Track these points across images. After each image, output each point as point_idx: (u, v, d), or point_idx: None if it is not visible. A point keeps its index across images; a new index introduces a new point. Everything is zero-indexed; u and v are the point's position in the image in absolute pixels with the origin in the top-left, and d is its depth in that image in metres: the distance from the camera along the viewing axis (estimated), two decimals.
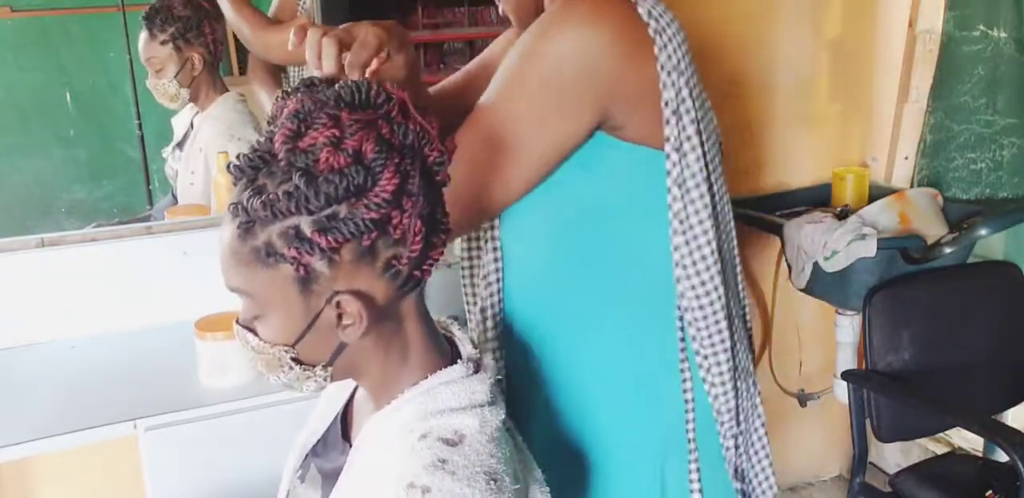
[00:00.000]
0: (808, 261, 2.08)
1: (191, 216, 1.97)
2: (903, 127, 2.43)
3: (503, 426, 0.92)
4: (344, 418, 1.04)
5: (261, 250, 0.83)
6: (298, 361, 0.89)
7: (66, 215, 2.00)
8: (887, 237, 2.03)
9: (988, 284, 2.20)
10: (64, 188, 2.03)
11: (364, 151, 0.80)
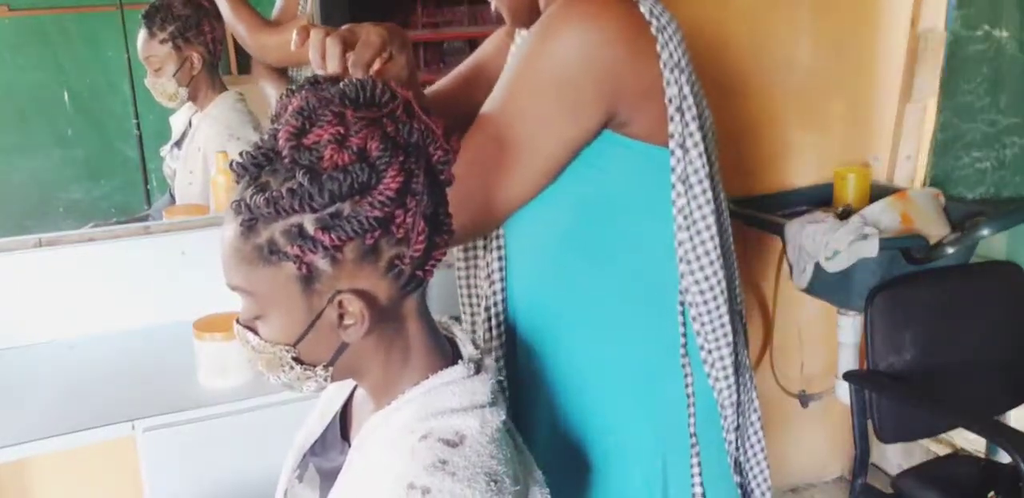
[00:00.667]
0: (809, 261, 2.08)
1: (189, 216, 1.97)
2: (905, 126, 2.43)
3: (504, 427, 0.92)
4: (343, 418, 1.04)
5: (263, 248, 0.82)
6: (299, 361, 0.88)
7: (64, 215, 1.99)
8: (889, 237, 2.02)
9: (990, 284, 2.20)
10: (62, 188, 2.02)
11: (368, 149, 0.80)
